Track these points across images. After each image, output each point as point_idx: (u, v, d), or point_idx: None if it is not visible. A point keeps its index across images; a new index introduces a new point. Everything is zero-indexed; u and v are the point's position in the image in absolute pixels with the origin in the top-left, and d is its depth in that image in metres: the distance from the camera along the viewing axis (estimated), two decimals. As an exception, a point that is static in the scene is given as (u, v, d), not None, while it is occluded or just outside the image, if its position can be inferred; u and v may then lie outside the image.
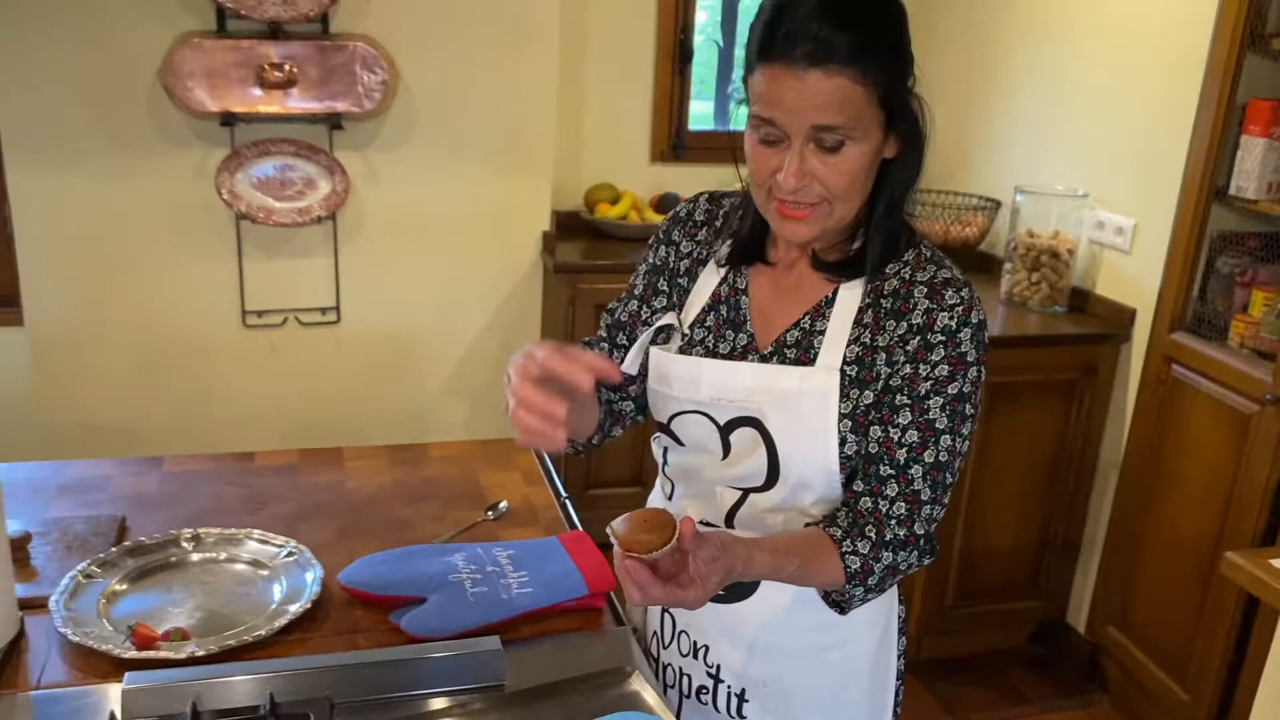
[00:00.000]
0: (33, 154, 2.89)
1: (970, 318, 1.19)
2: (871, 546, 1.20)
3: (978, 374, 1.21)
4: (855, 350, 1.21)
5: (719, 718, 1.36)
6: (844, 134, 1.11)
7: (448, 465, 1.81)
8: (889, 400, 1.20)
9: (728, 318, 1.29)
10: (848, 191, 1.15)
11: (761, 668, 1.32)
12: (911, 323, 1.19)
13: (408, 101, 3.09)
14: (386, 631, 1.32)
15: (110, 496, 1.63)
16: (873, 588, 1.22)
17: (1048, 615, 3.07)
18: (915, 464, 1.20)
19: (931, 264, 1.22)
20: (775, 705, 1.33)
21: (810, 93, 1.09)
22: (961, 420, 1.20)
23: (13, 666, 1.23)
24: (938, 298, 1.19)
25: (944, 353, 1.18)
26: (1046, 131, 3.10)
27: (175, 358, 3.13)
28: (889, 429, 1.20)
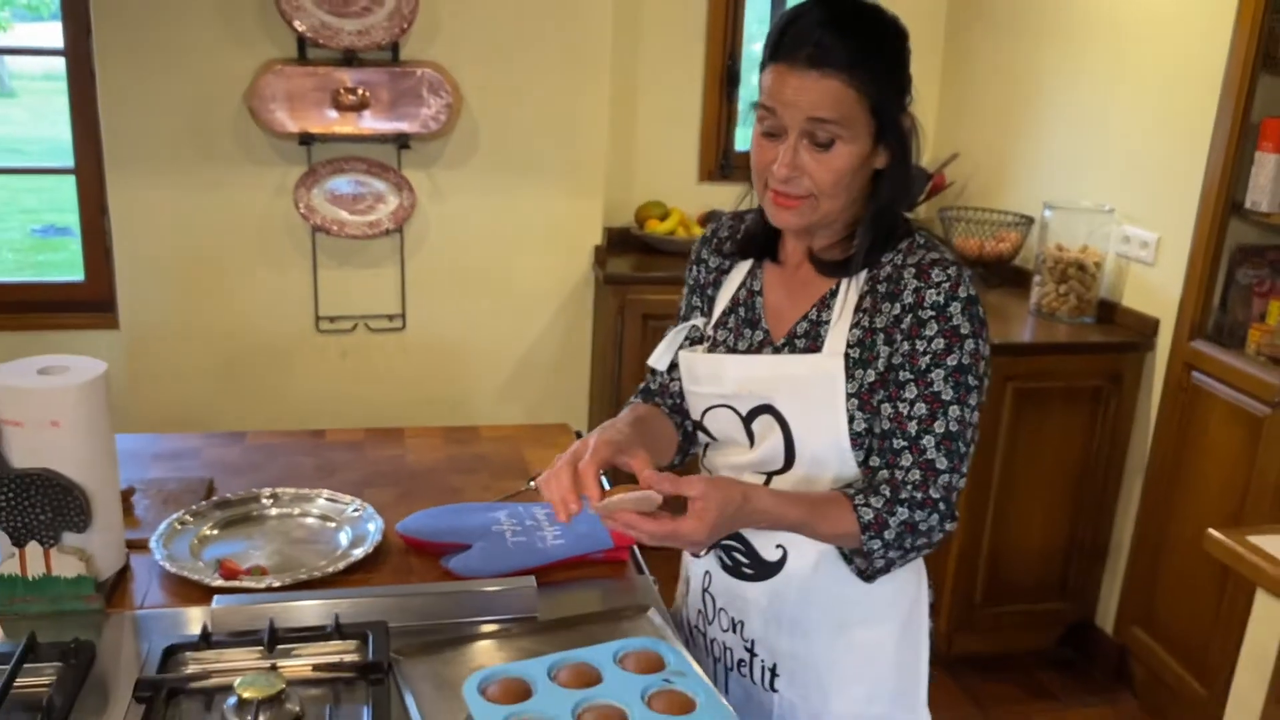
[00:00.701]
0: (131, 170, 3.17)
1: (958, 292, 1.28)
2: (886, 502, 1.27)
3: (975, 346, 1.29)
4: (856, 334, 1.31)
5: (756, 689, 1.45)
6: (834, 131, 1.23)
7: (497, 444, 2.00)
8: (894, 378, 1.29)
9: (745, 318, 1.41)
10: (833, 189, 1.27)
11: (790, 643, 1.40)
12: (903, 303, 1.29)
13: (470, 123, 3.32)
14: (437, 574, 1.52)
15: (200, 463, 1.86)
16: (891, 543, 1.28)
17: (1077, 617, 3.16)
18: (926, 434, 1.27)
19: (922, 249, 1.32)
20: (803, 679, 1.41)
21: (807, 89, 1.22)
22: (966, 391, 1.28)
23: (121, 591, 1.44)
24: (925, 276, 1.28)
25: (937, 327, 1.27)
26: (1077, 151, 3.23)
27: (254, 359, 3.39)
28: (898, 404, 1.28)
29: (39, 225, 9.06)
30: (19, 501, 1.33)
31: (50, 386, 1.33)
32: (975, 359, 1.29)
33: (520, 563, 1.50)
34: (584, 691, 1.21)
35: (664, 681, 1.24)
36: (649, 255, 3.58)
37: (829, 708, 1.40)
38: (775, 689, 1.43)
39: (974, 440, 1.31)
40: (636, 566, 1.58)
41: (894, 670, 1.41)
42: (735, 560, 1.42)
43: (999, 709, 2.94)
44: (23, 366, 1.37)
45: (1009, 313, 3.19)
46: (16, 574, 1.35)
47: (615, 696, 1.20)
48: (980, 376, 1.30)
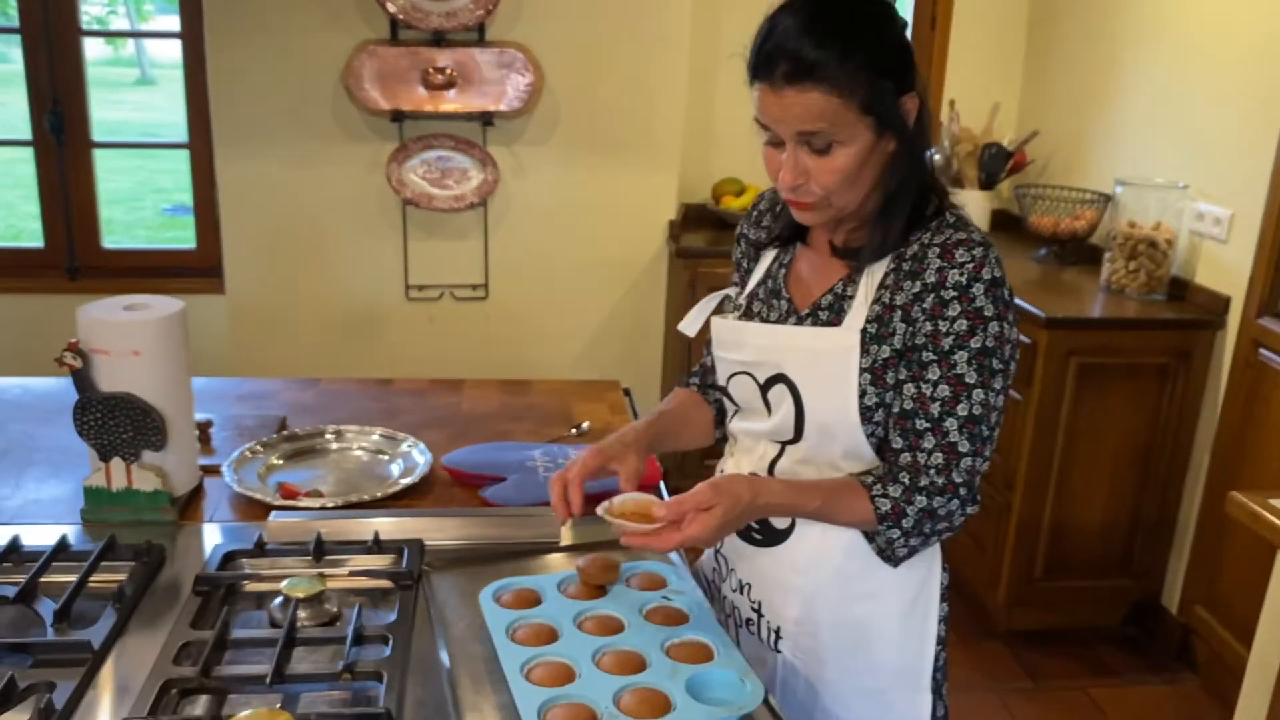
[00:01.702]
0: (237, 146, 3.40)
1: (982, 274, 1.26)
2: (904, 490, 1.28)
3: (1000, 329, 1.28)
4: (876, 309, 1.32)
5: (762, 647, 1.48)
6: (827, 138, 1.24)
7: (548, 396, 2.13)
8: (917, 358, 1.29)
9: (773, 289, 1.44)
10: (840, 188, 1.27)
11: (794, 609, 1.42)
12: (925, 281, 1.28)
13: (551, 102, 3.46)
14: (476, 502, 1.65)
15: (277, 404, 2.04)
16: (911, 531, 1.30)
17: (1142, 595, 3.15)
18: (949, 417, 1.28)
19: (949, 228, 1.31)
20: (805, 645, 1.43)
21: (789, 105, 1.23)
22: (990, 374, 1.28)
23: (194, 507, 1.62)
24: (949, 256, 1.28)
25: (960, 308, 1.26)
26: (1153, 128, 3.20)
27: (349, 324, 3.60)
28: (920, 385, 1.29)
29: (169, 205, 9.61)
30: (105, 421, 1.51)
31: (133, 320, 1.50)
32: (1000, 342, 1.29)
33: (549, 494, 1.62)
34: (587, 603, 1.32)
35: (662, 599, 1.34)
36: (723, 230, 3.67)
37: (827, 676, 1.43)
38: (779, 650, 1.46)
39: (998, 424, 1.32)
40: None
41: (896, 649, 1.42)
42: (747, 525, 1.44)
43: (1054, 683, 2.96)
44: (111, 304, 1.55)
45: (1081, 289, 3.19)
46: (103, 486, 1.53)
47: (615, 609, 1.31)
48: (1005, 360, 1.30)
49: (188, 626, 1.28)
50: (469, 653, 1.27)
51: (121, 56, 15.14)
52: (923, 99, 1.31)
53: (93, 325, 1.50)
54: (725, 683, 1.19)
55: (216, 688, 1.18)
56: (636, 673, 1.20)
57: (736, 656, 1.23)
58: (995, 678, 2.97)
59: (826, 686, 1.44)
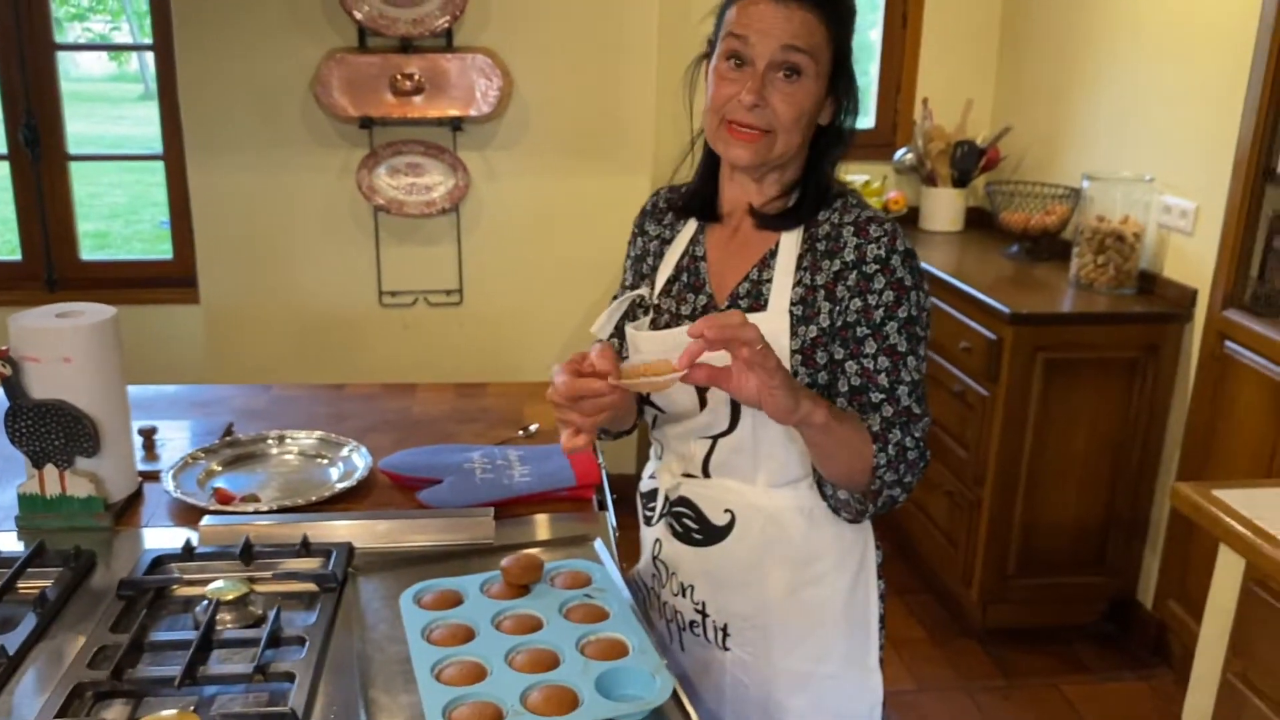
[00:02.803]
0: (209, 155, 3.41)
1: (897, 245, 1.32)
2: (882, 423, 1.31)
3: (918, 298, 1.33)
4: (799, 291, 1.34)
5: (709, 648, 1.48)
6: (803, 63, 1.28)
7: (500, 399, 2.13)
8: (851, 334, 1.32)
9: (688, 283, 1.43)
10: (792, 125, 1.31)
11: (740, 605, 1.44)
12: (845, 260, 1.32)
13: (521, 106, 3.47)
14: (414, 507, 1.65)
15: (226, 410, 2.04)
16: (892, 462, 1.29)
17: (1118, 591, 3.14)
18: (899, 385, 1.31)
19: (855, 207, 1.36)
20: (754, 639, 1.44)
21: (785, 17, 1.27)
22: (917, 342, 1.32)
23: (131, 512, 1.62)
24: (864, 233, 1.32)
25: (884, 280, 1.31)
26: (1121, 122, 3.20)
27: (323, 332, 3.60)
28: (861, 360, 1.31)
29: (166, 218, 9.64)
30: (37, 428, 1.51)
31: (62, 326, 1.51)
32: (920, 310, 1.33)
33: (486, 496, 1.63)
34: (508, 603, 1.32)
35: (584, 597, 1.34)
36: (697, 232, 3.66)
37: (779, 666, 1.44)
38: (727, 648, 1.46)
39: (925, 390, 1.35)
40: (599, 503, 1.69)
41: (844, 629, 1.45)
42: (685, 526, 1.46)
43: (1027, 680, 2.95)
44: (44, 311, 1.56)
45: (1050, 285, 3.18)
46: (36, 493, 1.54)
47: (536, 608, 1.31)
48: (925, 327, 1.34)
49: (107, 630, 1.28)
50: (386, 654, 1.27)
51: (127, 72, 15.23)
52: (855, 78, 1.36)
53: (23, 332, 1.51)
54: (636, 678, 1.19)
55: (130, 691, 1.19)
56: (549, 670, 1.20)
57: (651, 653, 1.23)
58: (968, 676, 2.96)
59: (780, 679, 1.45)
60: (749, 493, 1.41)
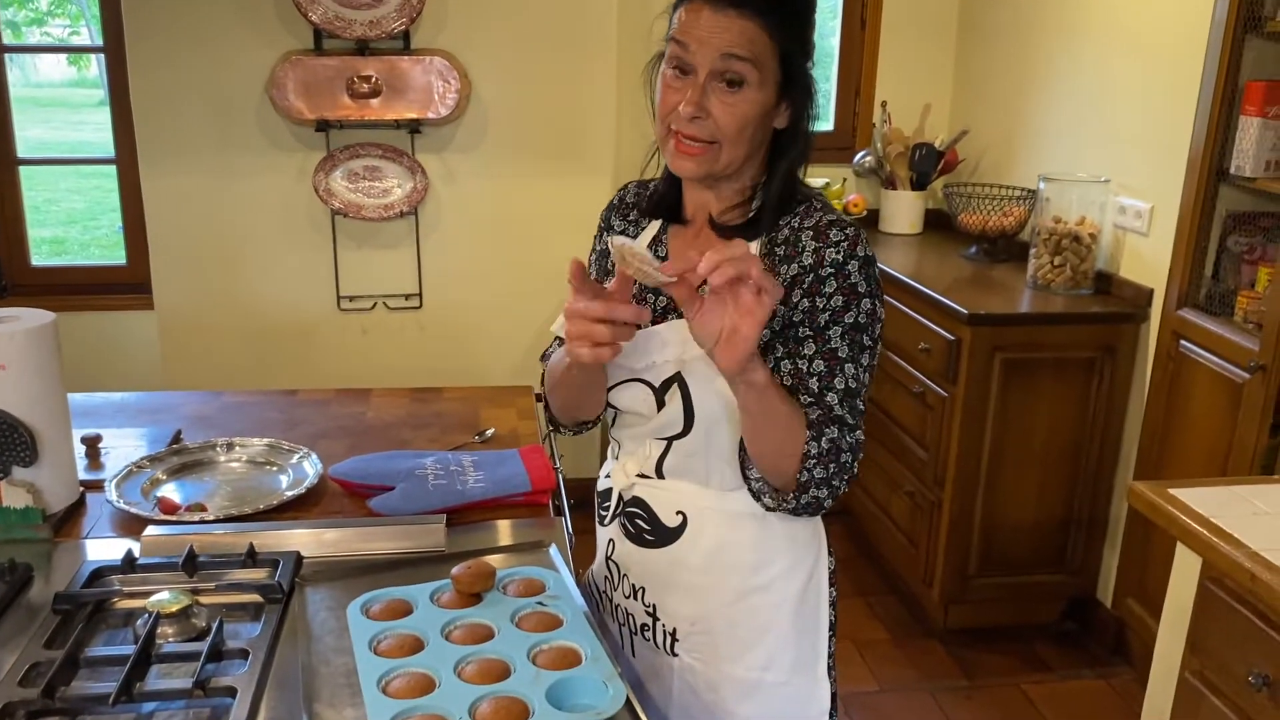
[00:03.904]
0: (162, 159, 3.36)
1: (856, 251, 1.28)
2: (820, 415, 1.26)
3: (872, 307, 1.29)
4: None
5: (658, 653, 1.46)
6: (744, 72, 1.24)
7: (456, 403, 2.11)
8: (793, 334, 1.29)
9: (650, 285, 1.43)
10: (737, 135, 1.27)
11: (689, 608, 1.42)
12: (802, 263, 1.29)
13: (479, 108, 3.44)
14: (365, 515, 1.62)
15: (176, 417, 2.00)
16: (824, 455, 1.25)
17: (1078, 590, 3.15)
18: (829, 391, 1.27)
19: (818, 212, 1.32)
20: (701, 644, 1.42)
21: (724, 26, 1.23)
22: (860, 350, 1.28)
23: (72, 523, 1.58)
24: (824, 237, 1.29)
25: (835, 285, 1.27)
26: (1077, 124, 3.22)
27: (280, 338, 3.55)
28: (797, 361, 1.28)
29: (124, 223, 9.51)
30: (-29, 438, 1.47)
31: (-4, 333, 1.47)
32: (871, 319, 1.30)
33: (439, 502, 1.60)
34: (458, 612, 1.30)
35: (537, 604, 1.32)
36: (658, 235, 3.65)
37: (726, 672, 1.42)
38: (675, 653, 1.44)
39: (867, 401, 1.32)
40: (555, 509, 1.66)
41: (792, 637, 1.43)
42: (637, 527, 1.44)
43: (988, 679, 2.96)
44: (-21, 318, 1.51)
45: (1008, 286, 3.19)
46: (-29, 505, 1.49)
47: (487, 617, 1.29)
48: (875, 338, 1.31)
49: (40, 646, 1.25)
50: (332, 666, 1.24)
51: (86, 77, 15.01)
52: (814, 82, 1.32)
53: (-44, 340, 1.47)
54: (588, 687, 1.17)
55: (62, 709, 1.15)
56: (499, 681, 1.17)
57: (604, 661, 1.21)
58: (930, 676, 2.96)
59: (727, 685, 1.43)
60: (701, 495, 1.40)
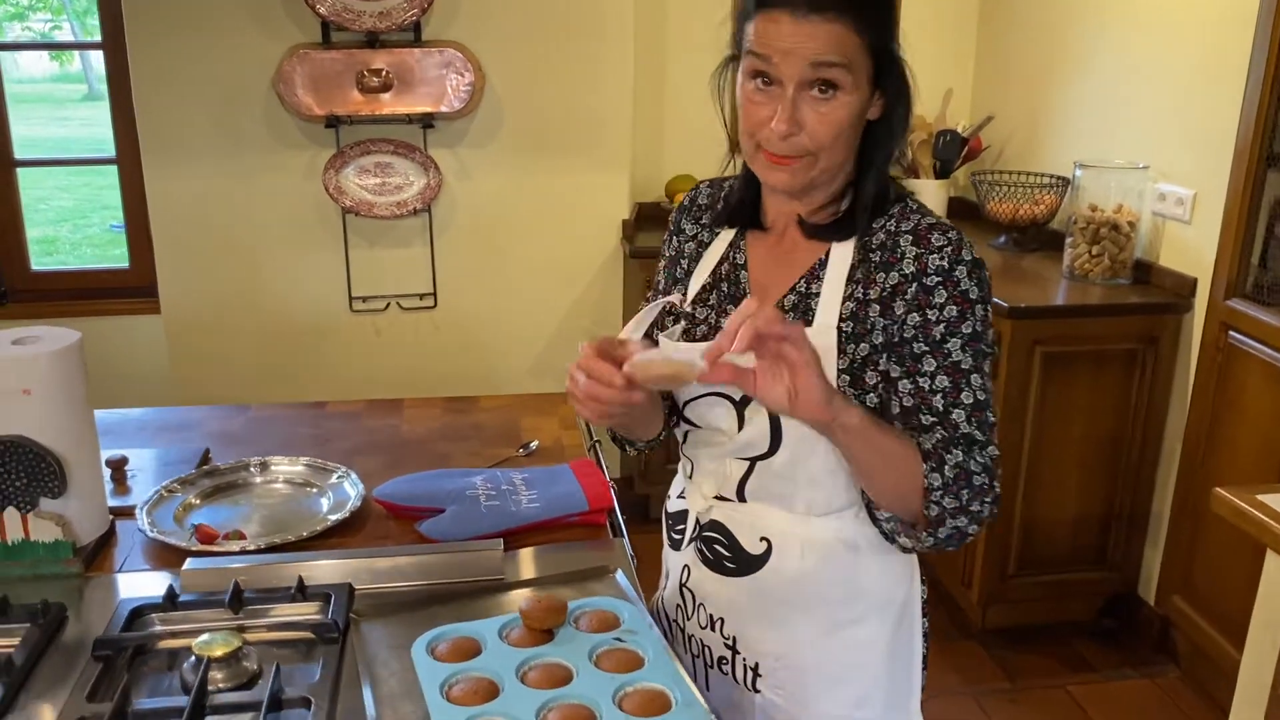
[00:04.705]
0: (167, 158, 3.25)
1: (962, 255, 1.19)
2: (939, 441, 1.19)
3: (985, 311, 1.21)
4: (850, 306, 1.22)
5: (737, 689, 1.38)
6: (838, 78, 1.15)
7: (494, 413, 2.01)
8: (908, 351, 1.20)
9: (728, 293, 1.32)
10: (833, 143, 1.19)
11: (774, 643, 1.33)
12: (903, 272, 1.20)
13: (493, 101, 3.33)
14: (412, 539, 1.53)
15: (201, 434, 1.90)
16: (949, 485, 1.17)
17: (1118, 588, 3.08)
18: (956, 408, 1.19)
19: (916, 214, 1.23)
20: (787, 680, 1.34)
21: (809, 34, 1.14)
22: (983, 358, 1.20)
23: (104, 555, 1.48)
24: (924, 242, 1.20)
25: (946, 294, 1.19)
26: (1111, 108, 3.13)
27: (292, 340, 3.45)
28: (918, 379, 1.20)
29: (117, 221, 9.36)
30: (-4, 468, 1.37)
31: (20, 355, 1.37)
32: (985, 324, 1.21)
33: (492, 525, 1.51)
34: (531, 651, 1.21)
35: (615, 640, 1.23)
36: (678, 228, 3.55)
37: (813, 710, 1.33)
38: (757, 689, 1.36)
39: (994, 416, 1.23)
40: (613, 529, 1.57)
41: (886, 672, 1.34)
42: (716, 553, 1.35)
43: (1032, 682, 2.88)
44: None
45: (1043, 276, 3.11)
46: (-3, 539, 1.39)
47: (563, 655, 1.20)
48: (990, 344, 1.23)
49: (84, 699, 1.15)
50: (401, 714, 1.15)
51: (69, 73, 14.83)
52: (906, 64, 1.22)
53: (-23, 364, 1.36)
54: (682, 736, 1.09)
55: (115, 770, 1.06)
56: (585, 729, 1.09)
57: (697, 706, 1.12)
58: (972, 680, 2.88)
59: None
60: (788, 520, 1.30)
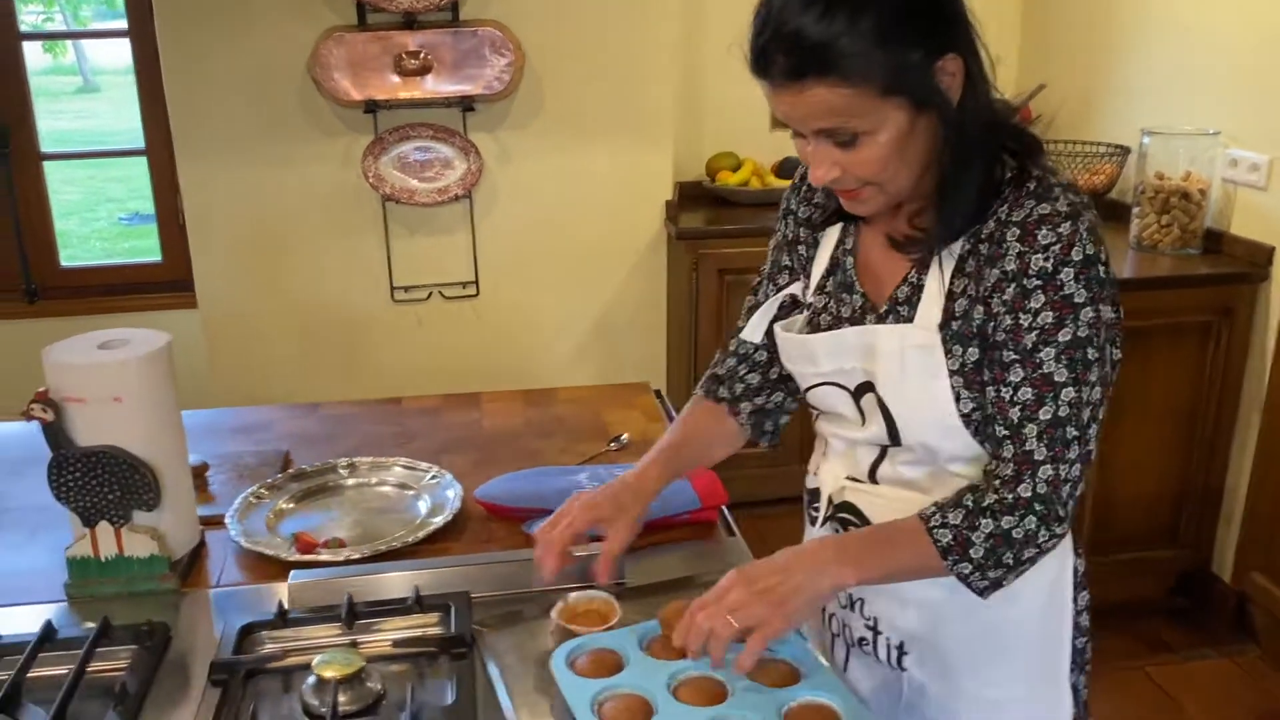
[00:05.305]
0: (200, 147, 3.15)
1: (1071, 255, 1.08)
2: (966, 515, 1.12)
3: (1095, 315, 1.10)
4: (963, 304, 1.15)
5: (881, 667, 1.32)
6: (849, 131, 1.08)
7: (574, 406, 1.93)
8: (998, 357, 1.13)
9: (842, 281, 1.27)
10: (881, 175, 1.11)
11: (915, 622, 1.28)
12: (1005, 269, 1.11)
13: (534, 82, 3.24)
14: (518, 541, 1.45)
15: (275, 435, 1.82)
16: (985, 563, 1.12)
17: (1191, 564, 3.00)
18: (1029, 423, 1.11)
19: (1031, 198, 1.11)
20: (934, 660, 1.28)
21: (796, 104, 1.07)
22: (1085, 368, 1.11)
23: (197, 569, 1.40)
24: (1030, 239, 1.09)
25: (1044, 299, 1.09)
26: (1176, 73, 3.03)
27: (332, 332, 3.37)
28: (1001, 389, 1.12)
29: (126, 214, 9.26)
30: (86, 481, 1.29)
31: (110, 361, 1.28)
32: (1094, 328, 1.11)
33: (603, 527, 1.42)
34: (678, 664, 1.13)
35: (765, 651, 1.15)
36: (722, 208, 3.47)
37: (963, 689, 1.27)
38: (903, 667, 1.30)
39: (1093, 421, 1.14)
40: (727, 528, 1.49)
41: (1037, 649, 1.28)
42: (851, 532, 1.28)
43: (1109, 662, 2.80)
44: (83, 342, 1.33)
45: (1109, 248, 3.01)
46: (89, 555, 1.32)
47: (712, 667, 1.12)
48: (1100, 347, 1.12)
49: (209, 728, 1.07)
50: (549, 736, 1.07)
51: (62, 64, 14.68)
52: (970, 52, 1.10)
53: (62, 370, 1.28)
54: (860, 755, 1.01)
55: (256, 808, 0.98)
56: (757, 752, 1.01)
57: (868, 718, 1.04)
58: (1049, 664, 2.81)
59: (962, 702, 1.28)
60: (923, 503, 1.21)
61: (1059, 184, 1.13)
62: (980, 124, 1.11)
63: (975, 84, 1.10)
